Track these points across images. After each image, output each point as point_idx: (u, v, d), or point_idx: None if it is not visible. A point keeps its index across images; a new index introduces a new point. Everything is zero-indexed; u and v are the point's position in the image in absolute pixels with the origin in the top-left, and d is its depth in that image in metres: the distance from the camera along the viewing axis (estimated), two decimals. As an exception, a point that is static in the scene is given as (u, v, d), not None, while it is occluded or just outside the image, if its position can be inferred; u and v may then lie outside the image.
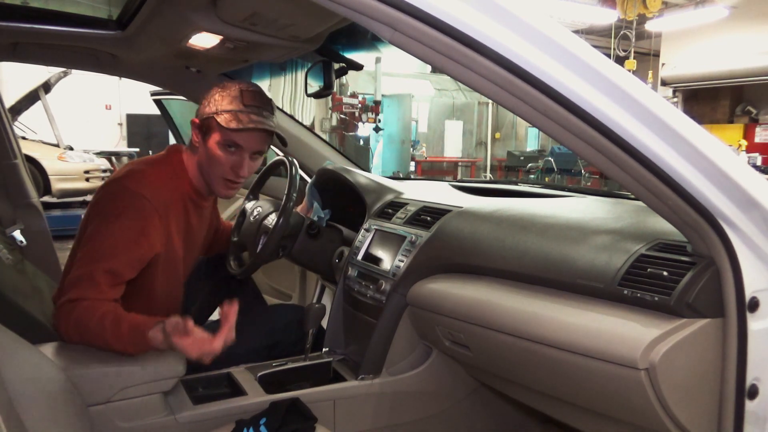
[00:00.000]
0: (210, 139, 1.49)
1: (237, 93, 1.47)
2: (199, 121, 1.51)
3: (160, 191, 1.46)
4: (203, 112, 1.50)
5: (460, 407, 1.69)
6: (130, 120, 12.37)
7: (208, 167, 1.52)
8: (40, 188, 6.81)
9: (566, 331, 1.11)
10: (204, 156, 1.51)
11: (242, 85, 1.50)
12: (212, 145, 1.48)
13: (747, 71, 10.00)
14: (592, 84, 0.85)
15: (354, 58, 1.93)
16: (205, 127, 1.50)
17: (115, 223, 1.38)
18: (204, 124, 1.50)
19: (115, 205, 1.41)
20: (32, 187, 2.66)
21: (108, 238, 1.37)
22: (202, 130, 1.51)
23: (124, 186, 1.44)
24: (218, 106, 1.46)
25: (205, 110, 1.49)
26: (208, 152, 1.50)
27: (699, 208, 0.93)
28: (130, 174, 1.48)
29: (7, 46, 1.82)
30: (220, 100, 1.47)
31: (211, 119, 1.47)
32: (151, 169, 1.50)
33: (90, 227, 1.40)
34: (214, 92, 1.50)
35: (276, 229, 1.71)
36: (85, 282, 1.31)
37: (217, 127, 1.47)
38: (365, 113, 9.87)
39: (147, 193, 1.42)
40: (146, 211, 1.41)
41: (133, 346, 1.27)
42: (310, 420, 1.30)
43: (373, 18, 0.79)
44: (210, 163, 1.50)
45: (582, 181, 9.02)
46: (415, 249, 1.58)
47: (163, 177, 1.50)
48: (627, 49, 11.05)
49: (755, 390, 0.98)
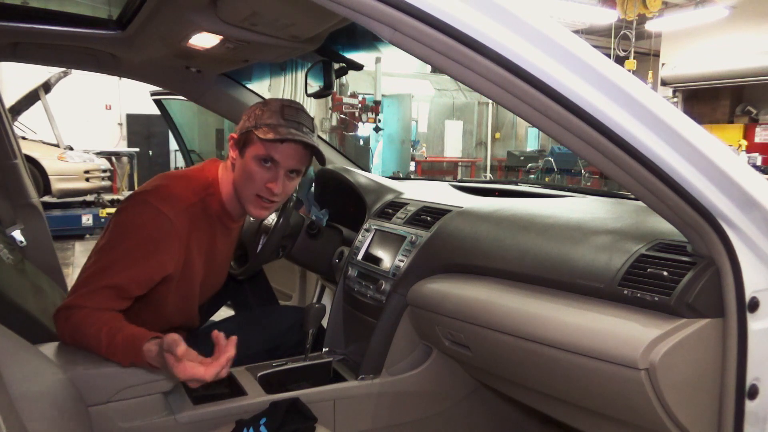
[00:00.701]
0: (247, 153, 1.44)
1: (278, 108, 1.44)
2: (238, 136, 1.46)
3: (186, 211, 1.41)
4: (242, 126, 1.45)
5: (460, 407, 1.69)
6: (130, 120, 12.38)
7: (242, 184, 1.46)
8: (40, 188, 6.81)
9: (566, 331, 1.11)
10: (240, 172, 1.46)
11: (284, 101, 1.47)
12: (249, 159, 1.44)
13: (747, 71, 10.00)
14: (592, 84, 0.85)
15: (354, 58, 1.93)
16: (242, 142, 1.45)
17: (130, 238, 1.34)
18: (242, 139, 1.45)
19: (134, 219, 1.36)
20: (32, 187, 2.66)
21: (119, 252, 1.33)
22: (239, 145, 1.46)
23: (148, 201, 1.38)
24: (258, 120, 1.42)
25: (245, 125, 1.44)
26: (245, 167, 1.44)
27: (699, 208, 0.93)
28: (158, 189, 1.42)
29: (7, 46, 1.82)
30: (260, 114, 1.43)
31: (250, 133, 1.43)
32: (182, 185, 1.45)
33: (107, 235, 1.37)
34: (254, 108, 1.46)
35: (276, 229, 1.71)
36: (87, 291, 1.29)
37: (256, 140, 1.42)
38: (365, 113, 9.87)
39: (170, 212, 1.37)
40: (164, 230, 1.36)
41: (126, 358, 1.23)
42: (310, 420, 1.30)
43: (373, 18, 0.79)
44: (245, 178, 1.45)
45: (582, 181, 9.02)
46: (415, 249, 1.58)
47: (192, 194, 1.45)
48: (627, 49, 11.05)
49: (755, 390, 0.98)
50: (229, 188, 1.49)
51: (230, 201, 1.50)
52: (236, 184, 1.47)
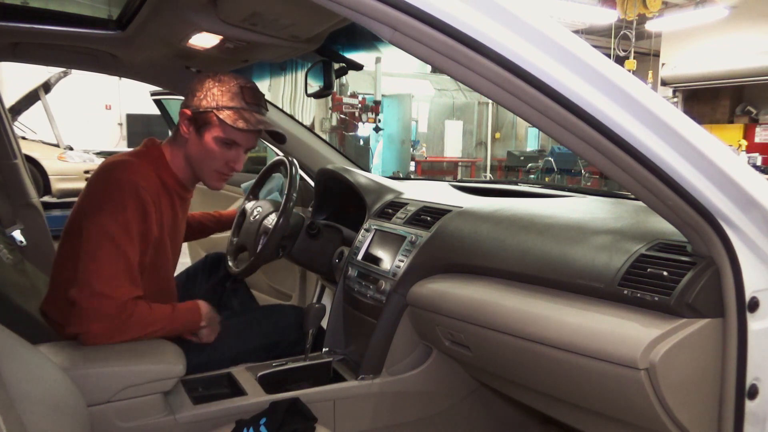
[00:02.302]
0: (207, 134, 1.47)
1: (237, 89, 1.46)
2: (192, 113, 1.47)
3: (151, 182, 1.45)
4: (198, 105, 1.46)
5: (460, 407, 1.69)
6: (130, 120, 12.38)
7: (200, 160, 1.50)
8: (40, 188, 6.80)
9: (566, 331, 1.11)
10: (196, 149, 1.49)
11: (240, 80, 1.48)
12: (209, 140, 1.47)
13: (747, 71, 9.99)
14: (592, 84, 0.85)
15: (354, 58, 1.93)
16: (200, 121, 1.47)
17: (123, 215, 1.37)
18: (199, 118, 1.47)
19: (117, 197, 1.38)
20: (32, 187, 2.66)
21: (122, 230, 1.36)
22: (196, 123, 1.48)
23: (119, 178, 1.41)
24: (218, 101, 1.44)
25: (202, 103, 1.45)
26: (204, 146, 1.48)
27: (699, 208, 0.93)
28: (120, 165, 1.44)
29: (7, 46, 1.82)
30: (219, 95, 1.45)
31: (210, 114, 1.45)
32: (138, 161, 1.48)
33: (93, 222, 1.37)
34: (209, 85, 1.46)
35: (276, 229, 1.71)
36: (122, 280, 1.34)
37: (219, 123, 1.45)
38: (365, 113, 9.86)
39: (142, 182, 1.41)
40: (144, 198, 1.40)
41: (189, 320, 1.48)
42: (310, 420, 1.30)
43: (373, 18, 0.79)
44: (204, 156, 1.49)
45: (582, 181, 9.01)
46: (415, 249, 1.58)
47: (150, 169, 1.48)
48: (627, 49, 11.05)
49: (755, 390, 0.98)
50: (180, 162, 1.53)
51: (183, 173, 1.55)
52: (192, 160, 1.52)
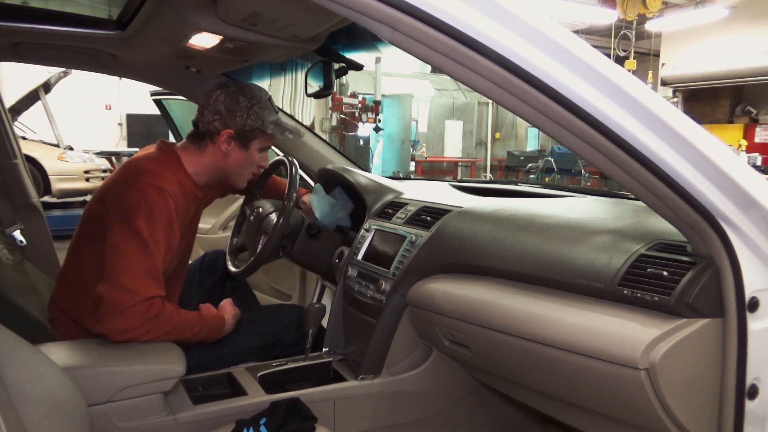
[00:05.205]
0: (252, 146, 1.62)
1: (267, 101, 1.63)
2: (236, 133, 1.59)
3: (173, 186, 1.51)
4: (243, 124, 1.58)
5: (460, 407, 1.69)
6: (130, 120, 12.37)
7: (242, 169, 1.66)
8: (40, 188, 6.80)
9: (566, 331, 1.11)
10: (238, 160, 1.62)
11: (262, 90, 1.63)
12: (254, 150, 1.63)
13: (747, 71, 9.99)
14: (592, 84, 0.85)
15: (354, 58, 1.93)
16: (246, 137, 1.60)
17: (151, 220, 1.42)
18: (244, 135, 1.60)
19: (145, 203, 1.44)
20: (32, 187, 2.66)
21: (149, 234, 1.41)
22: (241, 140, 1.60)
23: (147, 184, 1.47)
24: (262, 119, 1.60)
25: (247, 122, 1.58)
26: (248, 156, 1.63)
27: (699, 208, 0.93)
28: (145, 173, 1.50)
29: (7, 46, 1.82)
30: (260, 112, 1.60)
31: (255, 131, 1.60)
32: (158, 167, 1.54)
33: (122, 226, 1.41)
34: (248, 105, 1.58)
35: (276, 229, 1.71)
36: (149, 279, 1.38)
37: (264, 137, 1.63)
38: (365, 113, 9.86)
39: (168, 187, 1.48)
40: (170, 204, 1.48)
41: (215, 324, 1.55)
42: (310, 420, 1.30)
43: (373, 18, 0.79)
44: (246, 164, 1.65)
45: (582, 181, 9.01)
46: (415, 249, 1.58)
47: (170, 173, 1.54)
48: (627, 49, 11.04)
49: (755, 390, 0.98)
50: (199, 168, 1.62)
51: (200, 177, 1.64)
52: (232, 169, 1.65)
